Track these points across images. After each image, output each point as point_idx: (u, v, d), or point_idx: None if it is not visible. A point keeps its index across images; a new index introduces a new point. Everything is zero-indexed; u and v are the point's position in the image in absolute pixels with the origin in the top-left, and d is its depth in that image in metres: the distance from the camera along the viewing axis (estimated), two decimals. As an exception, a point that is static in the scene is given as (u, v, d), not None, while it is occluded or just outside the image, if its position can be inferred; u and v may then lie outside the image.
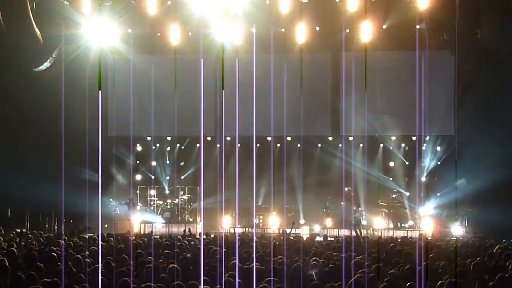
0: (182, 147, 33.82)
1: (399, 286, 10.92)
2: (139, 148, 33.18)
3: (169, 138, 33.45)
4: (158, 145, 33.67)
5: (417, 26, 25.73)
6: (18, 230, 24.30)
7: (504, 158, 24.76)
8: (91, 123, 23.26)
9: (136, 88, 27.63)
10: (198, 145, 33.33)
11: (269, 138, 31.22)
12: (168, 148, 34.03)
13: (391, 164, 33.17)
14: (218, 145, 31.83)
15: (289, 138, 32.30)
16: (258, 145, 30.40)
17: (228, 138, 30.61)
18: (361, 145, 32.32)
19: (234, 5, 25.00)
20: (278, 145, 32.73)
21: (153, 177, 32.57)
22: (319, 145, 33.12)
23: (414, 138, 31.32)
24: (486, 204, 25.59)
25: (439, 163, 30.10)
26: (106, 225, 28.31)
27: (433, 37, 26.02)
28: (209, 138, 32.14)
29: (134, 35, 27.03)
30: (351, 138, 31.14)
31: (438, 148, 29.95)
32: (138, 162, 32.86)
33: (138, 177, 32.68)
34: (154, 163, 33.09)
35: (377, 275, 12.33)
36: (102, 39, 25.61)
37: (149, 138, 32.87)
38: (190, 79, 25.86)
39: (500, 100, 25.22)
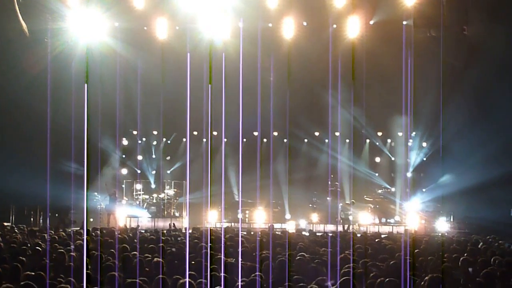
0: (169, 142, 33.76)
1: (384, 281, 10.92)
2: (125, 142, 33.09)
3: (155, 133, 33.38)
4: (144, 139, 33.59)
5: (404, 22, 25.80)
6: (5, 224, 24.17)
7: (490, 154, 24.81)
8: (77, 117, 23.12)
9: (122, 82, 27.52)
10: (184, 139, 33.28)
11: (255, 133, 31.18)
12: (155, 143, 33.96)
13: (377, 159, 33.28)
14: (204, 140, 31.81)
15: (275, 133, 32.31)
16: (244, 140, 30.37)
17: (215, 133, 30.59)
18: (347, 140, 32.38)
19: (221, -1, 24.97)
20: (265, 140, 32.72)
21: (139, 171, 32.51)
22: (306, 140, 33.18)
23: (400, 134, 31.41)
24: (471, 200, 25.67)
25: (425, 159, 30.18)
26: (91, 219, 28.21)
27: (420, 33, 26.07)
28: (195, 133, 32.09)
29: (121, 29, 26.91)
30: (337, 133, 31.17)
31: (424, 144, 30.02)
32: (124, 156, 32.76)
33: (124, 171, 32.60)
34: (140, 157, 33.02)
35: (364, 270, 12.33)
36: (89, 32, 25.53)
37: (135, 132, 32.79)
38: (177, 73, 25.75)
39: (487, 97, 25.28)
